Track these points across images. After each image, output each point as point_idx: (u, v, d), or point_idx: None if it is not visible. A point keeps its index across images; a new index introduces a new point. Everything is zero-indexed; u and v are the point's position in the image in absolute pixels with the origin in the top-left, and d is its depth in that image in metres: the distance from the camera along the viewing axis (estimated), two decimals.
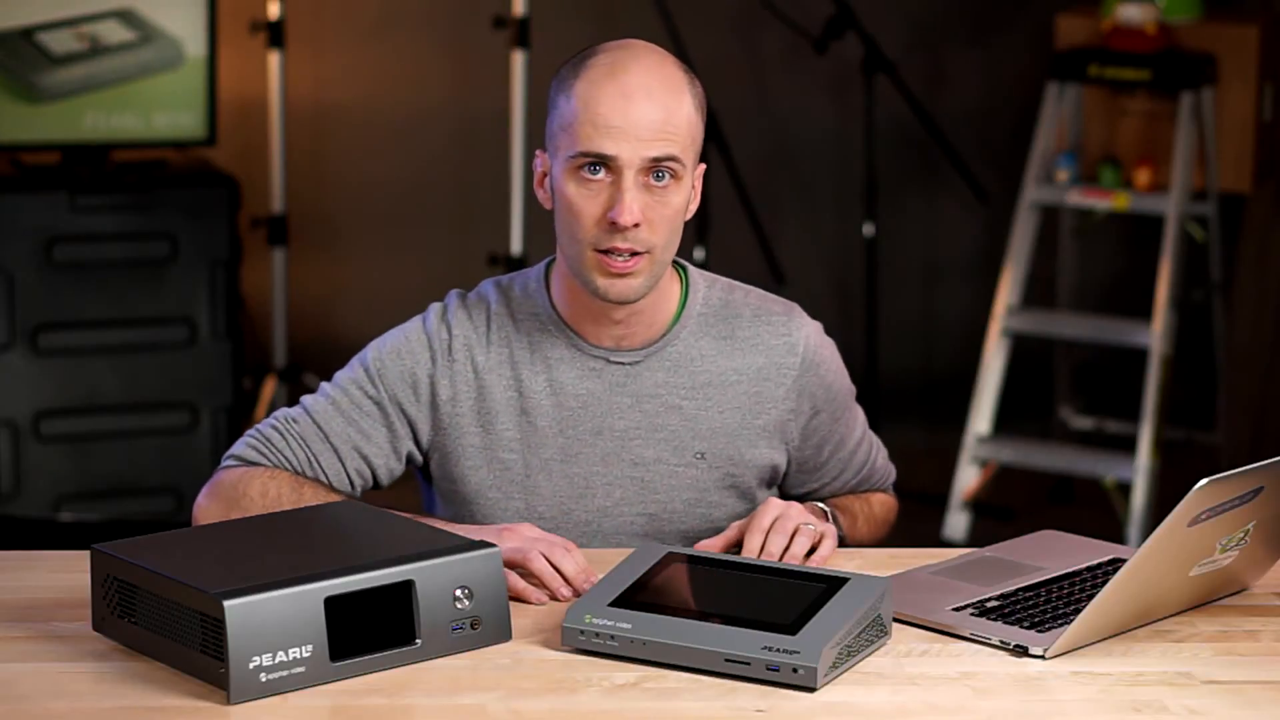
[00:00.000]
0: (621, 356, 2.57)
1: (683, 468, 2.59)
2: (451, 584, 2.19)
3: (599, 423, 2.57)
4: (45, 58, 4.90)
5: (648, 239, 2.46)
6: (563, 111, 2.47)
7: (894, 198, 5.87)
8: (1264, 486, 2.29)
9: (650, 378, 2.58)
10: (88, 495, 4.94)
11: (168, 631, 2.12)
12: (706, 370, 2.59)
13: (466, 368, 2.57)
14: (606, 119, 2.43)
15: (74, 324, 4.90)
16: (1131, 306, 5.48)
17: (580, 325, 2.57)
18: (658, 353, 2.58)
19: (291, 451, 2.55)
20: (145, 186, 4.95)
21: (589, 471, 2.58)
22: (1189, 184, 5.12)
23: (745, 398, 2.60)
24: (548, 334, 2.58)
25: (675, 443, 2.59)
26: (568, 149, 2.46)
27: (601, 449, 2.58)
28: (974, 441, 5.21)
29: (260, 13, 5.33)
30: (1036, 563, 2.49)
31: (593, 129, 2.43)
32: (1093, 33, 5.27)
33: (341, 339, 5.72)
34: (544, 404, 2.57)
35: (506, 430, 2.57)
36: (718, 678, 2.15)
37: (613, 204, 2.44)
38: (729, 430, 2.60)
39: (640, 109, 2.43)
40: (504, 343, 2.58)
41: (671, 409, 2.58)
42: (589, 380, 2.57)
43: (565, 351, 2.57)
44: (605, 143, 2.43)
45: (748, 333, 2.61)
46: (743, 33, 5.87)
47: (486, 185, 5.69)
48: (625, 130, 2.43)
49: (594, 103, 2.44)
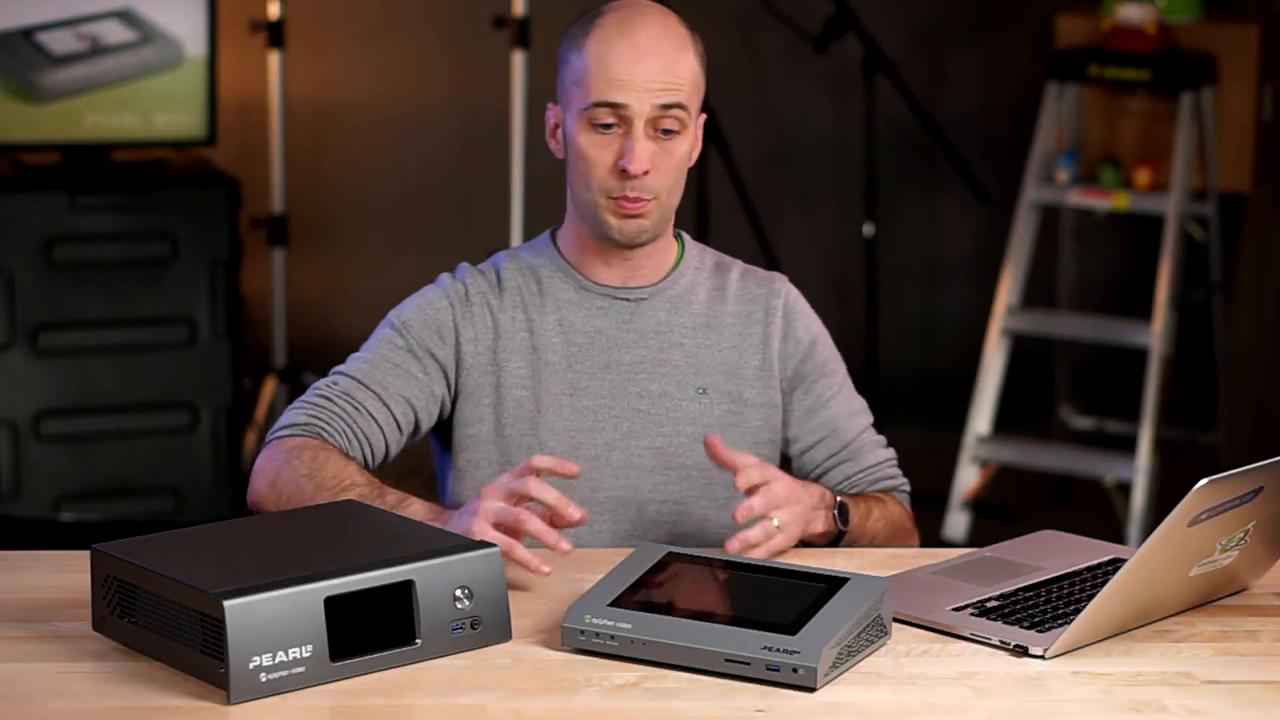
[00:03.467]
0: (627, 294, 2.71)
1: (686, 402, 2.70)
2: (451, 584, 2.19)
3: (607, 357, 2.70)
4: (45, 58, 4.90)
5: (655, 185, 2.61)
6: (575, 67, 2.63)
7: (894, 198, 5.87)
8: (1264, 486, 2.29)
9: (654, 315, 2.71)
10: (88, 495, 4.94)
11: (168, 631, 2.12)
12: (704, 312, 2.73)
13: (483, 312, 2.69)
14: (618, 73, 2.59)
15: (74, 324, 4.90)
16: (1131, 306, 5.48)
17: (588, 268, 2.71)
18: (661, 292, 2.73)
19: (339, 408, 2.64)
20: (145, 186, 4.95)
21: (597, 404, 2.68)
22: (1189, 184, 5.12)
23: (738, 337, 2.74)
24: (556, 279, 2.71)
25: (679, 378, 2.71)
26: (580, 101, 2.61)
27: (609, 382, 2.69)
28: (974, 441, 5.21)
29: (260, 13, 5.33)
30: (1036, 563, 2.49)
31: (605, 82, 2.59)
32: (1093, 33, 5.27)
33: (341, 339, 5.70)
34: (553, 341, 2.69)
35: (519, 369, 2.68)
36: (718, 678, 2.15)
37: (624, 153, 2.59)
38: (726, 367, 2.72)
39: (649, 62, 2.60)
40: (515, 291, 2.71)
41: (674, 345, 2.71)
42: (597, 318, 2.70)
43: (574, 294, 2.71)
44: (617, 93, 2.58)
45: (736, 286, 2.76)
46: (743, 33, 5.87)
47: (486, 185, 5.69)
48: (636, 82, 2.59)
49: (606, 57, 2.60)
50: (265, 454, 2.61)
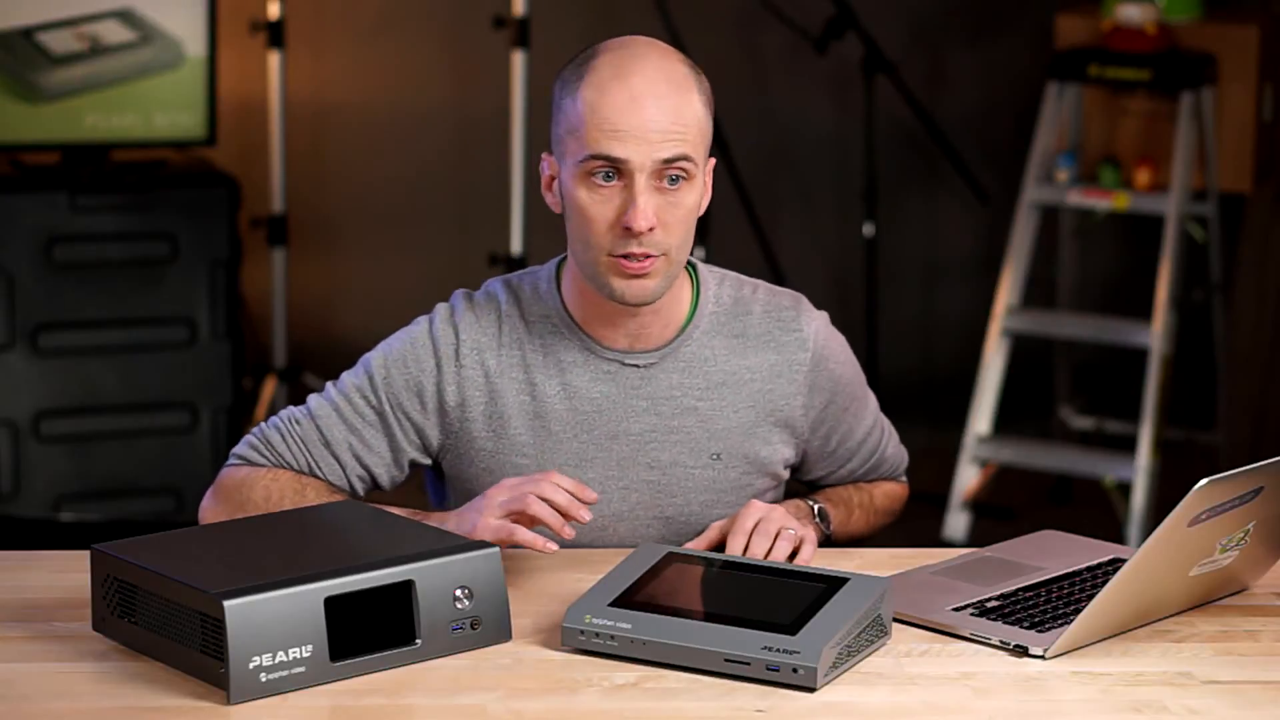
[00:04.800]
0: (636, 359, 2.55)
1: (699, 469, 2.58)
2: (451, 584, 2.19)
3: (614, 427, 2.55)
4: (45, 58, 4.90)
5: (663, 241, 2.43)
6: (569, 115, 2.44)
7: (894, 198, 5.87)
8: (1264, 486, 2.29)
9: (665, 380, 2.56)
10: (88, 495, 4.94)
11: (168, 631, 2.12)
12: (720, 370, 2.58)
13: (477, 372, 2.54)
14: (614, 123, 2.40)
15: (74, 324, 4.90)
16: (1131, 306, 5.48)
17: (593, 328, 2.55)
18: (672, 354, 2.57)
19: (292, 455, 2.55)
20: (145, 186, 4.95)
21: (604, 476, 2.56)
22: (1189, 184, 5.12)
23: (758, 395, 2.59)
24: (560, 337, 2.55)
25: (691, 445, 2.57)
26: (576, 153, 2.43)
27: (617, 453, 2.56)
28: (974, 441, 5.21)
29: (260, 13, 5.33)
30: (1036, 563, 2.49)
31: (600, 133, 2.40)
32: (1093, 33, 5.27)
33: (341, 339, 5.72)
34: (558, 408, 2.54)
35: (520, 435, 2.54)
36: (718, 678, 2.15)
37: (626, 209, 2.41)
38: (743, 429, 2.58)
39: (648, 111, 2.40)
40: (516, 345, 2.55)
41: (687, 410, 2.57)
42: (603, 383, 2.55)
43: (578, 355, 2.55)
44: (614, 146, 2.40)
45: (759, 330, 2.59)
46: (743, 33, 5.87)
47: (486, 185, 5.69)
48: (634, 133, 2.40)
49: (601, 106, 2.41)
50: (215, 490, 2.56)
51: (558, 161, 2.49)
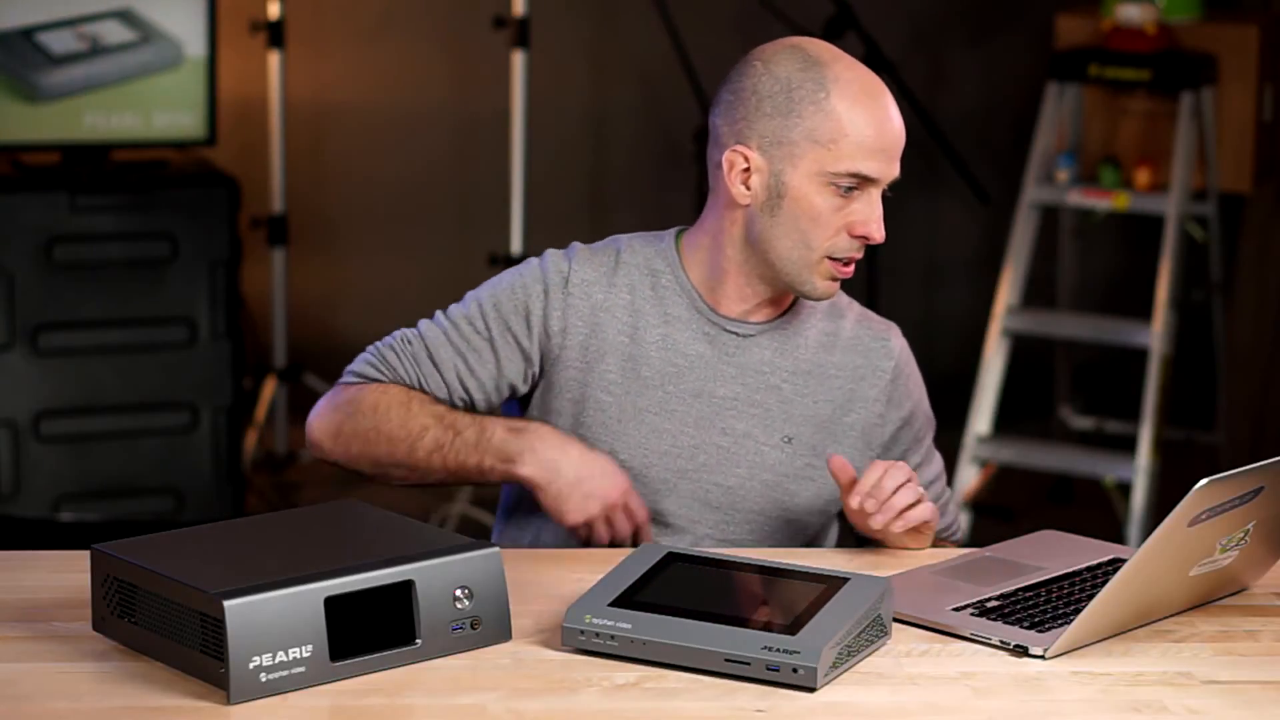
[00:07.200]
0: (737, 327, 2.64)
1: (769, 448, 2.64)
2: (451, 584, 2.19)
3: (700, 385, 2.63)
4: (45, 58, 4.90)
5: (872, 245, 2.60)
6: (813, 123, 2.53)
7: (894, 198, 5.85)
8: (1264, 486, 2.29)
9: (758, 354, 2.64)
10: (88, 495, 4.94)
11: (168, 631, 2.12)
12: (809, 360, 2.66)
13: (583, 303, 2.63)
14: (875, 142, 2.54)
15: (74, 324, 4.90)
16: (1131, 306, 5.49)
17: (713, 295, 2.64)
18: (770, 332, 2.65)
19: (404, 369, 2.63)
20: (145, 186, 4.95)
21: (679, 429, 2.63)
22: (1189, 184, 5.12)
23: (839, 393, 2.67)
24: (672, 292, 2.64)
25: (768, 421, 2.64)
26: (825, 163, 2.53)
27: (697, 411, 2.63)
28: (974, 441, 5.21)
29: (260, 13, 5.33)
30: (1036, 563, 2.49)
31: (861, 151, 2.53)
32: (1093, 33, 5.28)
33: (341, 339, 5.72)
34: (653, 356, 2.63)
35: (609, 371, 2.63)
36: (718, 678, 2.15)
37: (860, 218, 2.56)
38: (819, 420, 2.65)
39: (896, 131, 2.56)
40: (627, 289, 2.64)
41: (771, 388, 2.64)
42: (701, 343, 2.63)
43: (685, 311, 2.64)
44: (872, 165, 2.54)
45: (850, 333, 2.69)
46: (743, 33, 5.86)
47: (486, 185, 5.69)
48: (889, 153, 2.56)
49: (862, 124, 2.53)
50: (329, 400, 2.63)
51: (774, 159, 2.56)
